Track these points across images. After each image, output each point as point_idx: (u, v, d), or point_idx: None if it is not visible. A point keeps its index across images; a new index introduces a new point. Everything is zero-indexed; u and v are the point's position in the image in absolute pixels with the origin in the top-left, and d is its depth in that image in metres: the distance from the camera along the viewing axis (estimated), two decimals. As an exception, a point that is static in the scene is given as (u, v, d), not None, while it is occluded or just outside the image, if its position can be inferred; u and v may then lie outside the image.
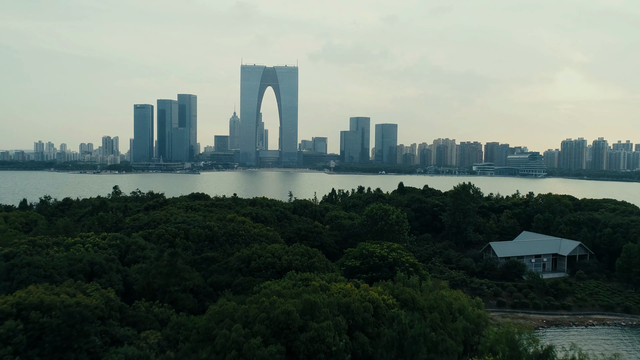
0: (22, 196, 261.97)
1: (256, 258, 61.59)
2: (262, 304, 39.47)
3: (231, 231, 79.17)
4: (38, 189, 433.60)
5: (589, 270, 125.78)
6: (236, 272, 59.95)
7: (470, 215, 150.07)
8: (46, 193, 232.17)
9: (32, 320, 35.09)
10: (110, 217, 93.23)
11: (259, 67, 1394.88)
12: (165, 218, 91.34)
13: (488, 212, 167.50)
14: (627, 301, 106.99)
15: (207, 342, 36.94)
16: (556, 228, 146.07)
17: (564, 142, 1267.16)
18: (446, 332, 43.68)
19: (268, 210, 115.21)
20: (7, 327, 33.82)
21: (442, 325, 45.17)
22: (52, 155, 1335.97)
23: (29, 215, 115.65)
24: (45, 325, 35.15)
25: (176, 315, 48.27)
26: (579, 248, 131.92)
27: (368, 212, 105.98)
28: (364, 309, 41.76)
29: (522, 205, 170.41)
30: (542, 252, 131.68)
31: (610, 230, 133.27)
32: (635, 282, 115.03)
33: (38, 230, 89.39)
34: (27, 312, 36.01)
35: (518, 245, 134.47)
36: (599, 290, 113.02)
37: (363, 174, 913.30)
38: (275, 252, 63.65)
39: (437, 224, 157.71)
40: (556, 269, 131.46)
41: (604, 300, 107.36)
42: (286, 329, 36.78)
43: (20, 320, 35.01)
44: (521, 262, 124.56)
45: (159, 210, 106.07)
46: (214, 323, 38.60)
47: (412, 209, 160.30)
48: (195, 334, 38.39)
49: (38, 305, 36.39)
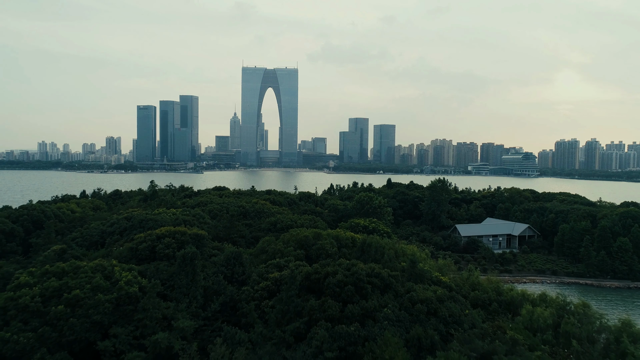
0: (48, 193, 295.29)
1: (279, 222, 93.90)
2: (292, 234, 72.17)
3: (258, 209, 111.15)
4: (59, 186, 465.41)
5: (534, 246, 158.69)
6: (267, 231, 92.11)
7: (443, 205, 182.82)
8: (70, 190, 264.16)
9: (177, 239, 67.17)
10: (168, 199, 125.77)
11: (259, 69, 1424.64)
12: (207, 201, 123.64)
13: (460, 202, 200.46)
14: (555, 267, 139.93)
15: (262, 252, 69.46)
16: (513, 215, 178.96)
17: (558, 142, 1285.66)
18: (393, 253, 75.57)
19: (281, 197, 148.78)
20: (167, 242, 65.89)
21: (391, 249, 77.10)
22: (56, 155, 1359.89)
23: (93, 202, 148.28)
24: (184, 240, 67.15)
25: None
26: (528, 230, 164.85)
27: (357, 199, 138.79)
28: (346, 238, 74.05)
29: (489, 197, 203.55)
30: (498, 232, 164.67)
31: (553, 215, 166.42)
32: (567, 254, 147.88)
33: (118, 208, 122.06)
34: (172, 235, 68.19)
35: (479, 227, 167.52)
36: (536, 259, 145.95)
37: (361, 173, 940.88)
38: (292, 218, 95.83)
39: (417, 212, 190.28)
40: (510, 246, 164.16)
41: (538, 266, 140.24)
42: (305, 243, 68.29)
43: (172, 238, 67.08)
44: (480, 240, 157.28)
45: (198, 197, 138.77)
46: (265, 244, 71.34)
47: (397, 200, 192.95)
48: (255, 249, 70.69)
49: (178, 232, 68.53)
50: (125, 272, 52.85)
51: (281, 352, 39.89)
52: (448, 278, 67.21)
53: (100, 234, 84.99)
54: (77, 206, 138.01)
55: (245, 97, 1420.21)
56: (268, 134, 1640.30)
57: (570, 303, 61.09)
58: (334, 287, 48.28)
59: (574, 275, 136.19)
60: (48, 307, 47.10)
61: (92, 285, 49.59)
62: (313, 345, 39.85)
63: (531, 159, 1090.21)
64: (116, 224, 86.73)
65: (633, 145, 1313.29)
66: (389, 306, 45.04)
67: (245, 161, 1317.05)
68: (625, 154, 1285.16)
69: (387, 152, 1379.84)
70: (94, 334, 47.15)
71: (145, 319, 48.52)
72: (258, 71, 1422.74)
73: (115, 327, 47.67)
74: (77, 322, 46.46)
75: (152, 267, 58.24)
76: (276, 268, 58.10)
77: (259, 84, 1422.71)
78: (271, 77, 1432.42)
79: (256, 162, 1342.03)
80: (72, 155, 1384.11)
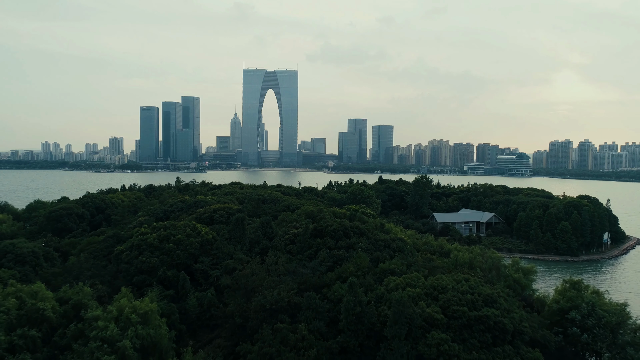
0: (67, 191, 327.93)
1: (291, 205, 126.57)
2: (302, 210, 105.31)
3: (273, 197, 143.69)
4: (77, 184, 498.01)
5: (498, 231, 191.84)
6: (282, 210, 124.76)
7: (425, 198, 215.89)
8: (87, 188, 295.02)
9: (226, 211, 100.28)
10: (199, 190, 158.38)
11: (260, 71, 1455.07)
12: (232, 191, 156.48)
13: (441, 196, 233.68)
14: (511, 246, 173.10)
15: (282, 221, 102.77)
16: (484, 206, 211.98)
17: (552, 143, 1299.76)
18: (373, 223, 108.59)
19: (289, 189, 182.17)
20: (220, 213, 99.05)
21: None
22: (60, 155, 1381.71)
23: (134, 194, 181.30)
24: (231, 212, 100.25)
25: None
26: (494, 217, 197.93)
27: (351, 190, 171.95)
28: (340, 212, 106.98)
29: (465, 191, 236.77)
30: (469, 220, 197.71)
31: (515, 206, 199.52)
32: (522, 236, 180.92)
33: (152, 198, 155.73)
34: (223, 210, 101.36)
35: (453, 215, 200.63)
36: (497, 241, 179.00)
37: (360, 173, 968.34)
38: (301, 202, 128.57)
39: (403, 204, 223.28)
40: (479, 231, 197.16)
41: (497, 246, 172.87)
42: (312, 215, 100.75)
43: (223, 211, 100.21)
44: (453, 226, 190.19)
45: (223, 189, 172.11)
46: (284, 216, 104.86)
47: (387, 194, 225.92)
48: (277, 220, 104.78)
49: (226, 207, 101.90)
50: (203, 228, 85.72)
51: (303, 263, 72.50)
52: (407, 237, 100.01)
53: (163, 212, 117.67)
54: (123, 197, 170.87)
55: (246, 98, 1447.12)
56: (268, 135, 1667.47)
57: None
58: (331, 232, 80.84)
59: (526, 252, 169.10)
60: (163, 244, 79.93)
61: (186, 233, 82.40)
62: (319, 260, 72.43)
63: (524, 159, 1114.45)
64: (174, 205, 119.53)
65: (625, 145, 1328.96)
66: (362, 242, 77.62)
67: (246, 161, 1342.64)
68: (617, 155, 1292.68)
69: (386, 152, 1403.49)
70: (190, 260, 79.93)
71: (218, 253, 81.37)
72: (259, 73, 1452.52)
73: (201, 257, 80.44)
74: (181, 253, 79.27)
75: (215, 227, 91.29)
76: (294, 228, 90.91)
77: (260, 86, 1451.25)
78: (272, 78, 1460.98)
79: (257, 162, 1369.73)
80: (76, 156, 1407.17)
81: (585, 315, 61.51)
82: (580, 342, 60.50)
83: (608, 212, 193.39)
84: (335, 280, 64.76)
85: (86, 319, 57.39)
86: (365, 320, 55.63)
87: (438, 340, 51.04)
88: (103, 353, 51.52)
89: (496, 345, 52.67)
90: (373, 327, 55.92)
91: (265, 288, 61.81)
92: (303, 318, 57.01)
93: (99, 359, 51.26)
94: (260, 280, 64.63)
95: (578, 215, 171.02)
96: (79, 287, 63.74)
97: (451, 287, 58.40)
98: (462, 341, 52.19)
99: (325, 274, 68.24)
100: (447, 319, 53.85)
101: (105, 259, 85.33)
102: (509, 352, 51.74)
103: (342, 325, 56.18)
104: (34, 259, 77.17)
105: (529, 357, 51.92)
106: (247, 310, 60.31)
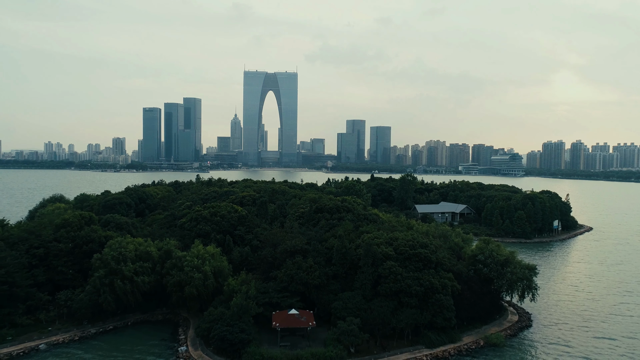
0: (85, 188, 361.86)
1: (298, 195, 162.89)
2: (307, 197, 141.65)
3: (283, 190, 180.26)
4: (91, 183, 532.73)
5: (469, 220, 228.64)
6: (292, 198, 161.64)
7: (410, 192, 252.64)
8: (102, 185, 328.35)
9: (252, 197, 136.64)
10: (223, 184, 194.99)
11: (260, 73, 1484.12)
12: (248, 185, 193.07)
13: (424, 191, 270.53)
14: (477, 231, 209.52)
15: (293, 205, 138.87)
16: (460, 200, 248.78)
17: (545, 144, 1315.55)
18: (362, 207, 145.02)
19: (294, 184, 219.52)
20: (247, 199, 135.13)
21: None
22: (63, 155, 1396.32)
23: (165, 188, 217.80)
24: (255, 198, 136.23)
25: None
26: (466, 209, 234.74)
27: (344, 185, 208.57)
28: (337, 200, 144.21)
29: (445, 187, 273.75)
30: (445, 210, 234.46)
31: (485, 199, 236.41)
32: (487, 224, 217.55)
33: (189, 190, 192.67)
34: (249, 196, 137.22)
35: (432, 207, 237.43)
36: (467, 227, 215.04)
37: (357, 172, 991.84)
38: (304, 193, 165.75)
39: (391, 198, 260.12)
40: (454, 220, 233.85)
41: (466, 231, 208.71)
42: (314, 200, 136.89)
43: (250, 198, 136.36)
44: (432, 216, 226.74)
45: (240, 183, 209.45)
46: (293, 201, 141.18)
47: (377, 190, 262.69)
48: (289, 205, 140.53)
49: (251, 194, 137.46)
50: (238, 207, 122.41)
51: (309, 228, 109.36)
52: (384, 217, 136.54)
53: (201, 199, 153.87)
54: (157, 190, 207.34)
55: (247, 99, 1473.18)
56: (268, 135, 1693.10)
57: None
58: (328, 209, 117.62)
59: (489, 236, 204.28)
60: (212, 217, 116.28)
61: (227, 210, 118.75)
62: (319, 226, 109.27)
63: (517, 159, 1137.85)
64: (208, 194, 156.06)
65: (617, 146, 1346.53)
66: (349, 216, 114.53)
67: (247, 161, 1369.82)
68: (609, 155, 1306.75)
69: (383, 152, 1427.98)
70: (231, 229, 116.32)
71: (250, 224, 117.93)
72: (259, 75, 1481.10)
73: (239, 227, 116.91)
74: (225, 223, 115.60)
75: (245, 208, 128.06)
76: (301, 208, 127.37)
77: (260, 87, 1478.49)
78: (272, 80, 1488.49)
79: (257, 162, 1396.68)
80: (80, 155, 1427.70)
81: (487, 256, 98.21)
82: (483, 274, 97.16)
83: (562, 204, 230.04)
84: (330, 238, 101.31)
85: (176, 257, 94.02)
86: (348, 257, 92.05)
87: (390, 266, 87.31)
88: (194, 272, 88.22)
89: (424, 269, 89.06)
90: (353, 262, 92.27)
91: (286, 241, 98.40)
92: (310, 256, 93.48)
93: (192, 277, 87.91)
94: (282, 237, 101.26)
95: (532, 205, 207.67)
96: (167, 240, 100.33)
97: (401, 238, 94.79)
98: (405, 267, 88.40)
99: (324, 234, 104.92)
100: (396, 254, 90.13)
101: (168, 229, 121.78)
102: (432, 273, 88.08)
103: (334, 260, 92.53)
104: (128, 226, 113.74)
105: (444, 276, 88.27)
106: (274, 253, 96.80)
